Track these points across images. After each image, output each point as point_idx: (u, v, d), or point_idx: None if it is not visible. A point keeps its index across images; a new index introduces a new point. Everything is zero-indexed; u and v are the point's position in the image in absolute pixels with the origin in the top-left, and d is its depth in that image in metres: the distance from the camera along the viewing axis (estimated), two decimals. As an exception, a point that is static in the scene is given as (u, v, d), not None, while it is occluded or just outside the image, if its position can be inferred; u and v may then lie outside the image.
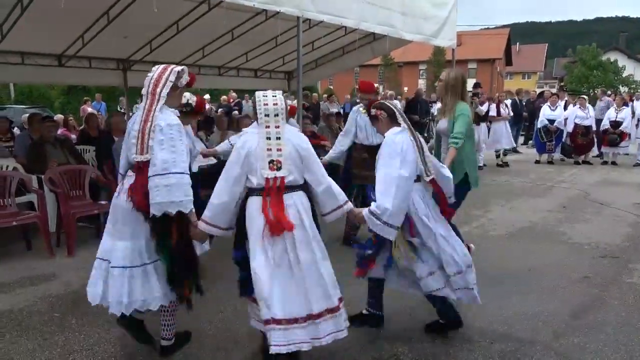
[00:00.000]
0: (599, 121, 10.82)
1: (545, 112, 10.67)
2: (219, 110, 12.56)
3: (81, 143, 6.88)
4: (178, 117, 2.72)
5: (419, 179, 2.95)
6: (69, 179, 5.16)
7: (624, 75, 36.85)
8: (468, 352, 2.91)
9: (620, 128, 10.44)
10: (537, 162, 10.94)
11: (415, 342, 3.02)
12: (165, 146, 2.52)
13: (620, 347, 2.94)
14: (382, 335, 3.11)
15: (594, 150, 10.95)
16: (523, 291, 3.80)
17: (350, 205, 2.80)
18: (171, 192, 2.48)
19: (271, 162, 2.51)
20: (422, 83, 36.45)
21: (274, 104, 2.58)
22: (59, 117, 10.12)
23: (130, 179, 2.67)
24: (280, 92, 2.71)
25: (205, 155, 5.05)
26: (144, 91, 2.69)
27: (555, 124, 10.38)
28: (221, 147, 4.94)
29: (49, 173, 5.02)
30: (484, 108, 9.69)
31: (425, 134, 11.18)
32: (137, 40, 7.71)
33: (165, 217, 2.53)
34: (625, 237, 5.25)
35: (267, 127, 2.55)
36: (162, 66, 2.74)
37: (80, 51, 7.53)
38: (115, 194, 2.77)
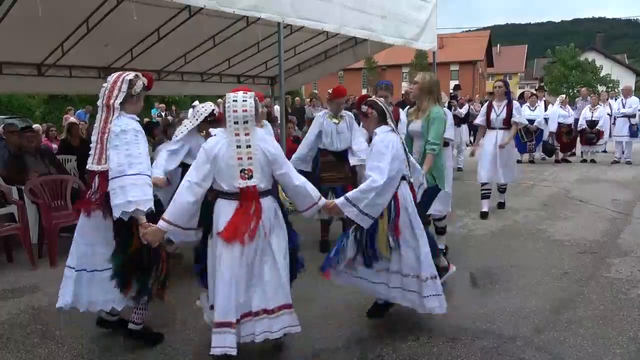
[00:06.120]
0: (577, 120, 11.07)
1: (525, 112, 10.80)
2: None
3: (62, 153, 6.80)
4: (138, 121, 2.76)
5: (404, 177, 3.07)
6: (50, 190, 5.10)
7: (601, 74, 37.60)
8: (451, 349, 2.96)
9: (596, 127, 10.69)
10: (519, 161, 11.10)
11: (398, 341, 3.06)
12: (120, 150, 2.58)
13: (597, 340, 3.02)
14: (367, 335, 3.14)
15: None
16: (505, 288, 3.88)
17: (324, 200, 2.88)
18: (126, 192, 2.53)
19: (242, 171, 2.55)
20: (405, 85, 36.68)
21: (243, 110, 2.57)
22: (37, 127, 9.96)
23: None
24: (252, 94, 2.67)
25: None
26: (99, 103, 2.73)
27: (535, 123, 10.54)
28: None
29: (29, 184, 4.96)
30: (463, 110, 9.83)
31: None
32: (117, 49, 7.65)
33: (128, 221, 2.60)
34: (604, 232, 5.37)
35: (237, 134, 2.57)
36: (115, 75, 2.76)
37: (60, 60, 7.45)
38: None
